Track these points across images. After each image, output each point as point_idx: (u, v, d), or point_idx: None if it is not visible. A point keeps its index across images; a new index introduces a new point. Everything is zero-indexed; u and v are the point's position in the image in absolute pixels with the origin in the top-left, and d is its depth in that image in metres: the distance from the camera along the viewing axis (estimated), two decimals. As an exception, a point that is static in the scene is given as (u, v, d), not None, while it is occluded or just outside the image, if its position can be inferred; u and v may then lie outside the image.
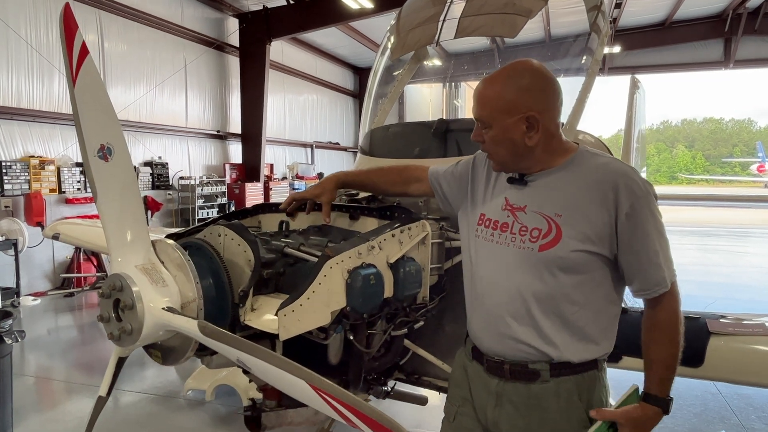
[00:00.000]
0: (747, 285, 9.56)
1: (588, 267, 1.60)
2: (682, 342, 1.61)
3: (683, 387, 4.60)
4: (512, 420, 1.69)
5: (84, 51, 1.72)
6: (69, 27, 1.74)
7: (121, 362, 1.86)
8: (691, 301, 1.77)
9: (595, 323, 1.65)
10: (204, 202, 13.09)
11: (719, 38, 18.09)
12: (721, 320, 2.63)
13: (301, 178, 17.73)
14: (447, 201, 2.00)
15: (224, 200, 13.80)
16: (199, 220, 12.53)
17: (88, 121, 1.69)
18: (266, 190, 15.19)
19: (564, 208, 1.61)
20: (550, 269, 1.60)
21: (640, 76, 7.64)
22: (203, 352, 1.81)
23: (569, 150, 1.69)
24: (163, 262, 1.74)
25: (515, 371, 1.68)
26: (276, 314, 1.67)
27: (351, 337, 1.94)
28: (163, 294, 1.65)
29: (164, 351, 1.80)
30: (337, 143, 21.12)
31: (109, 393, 1.86)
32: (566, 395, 1.64)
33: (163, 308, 1.61)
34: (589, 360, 1.66)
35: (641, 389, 1.65)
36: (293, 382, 1.30)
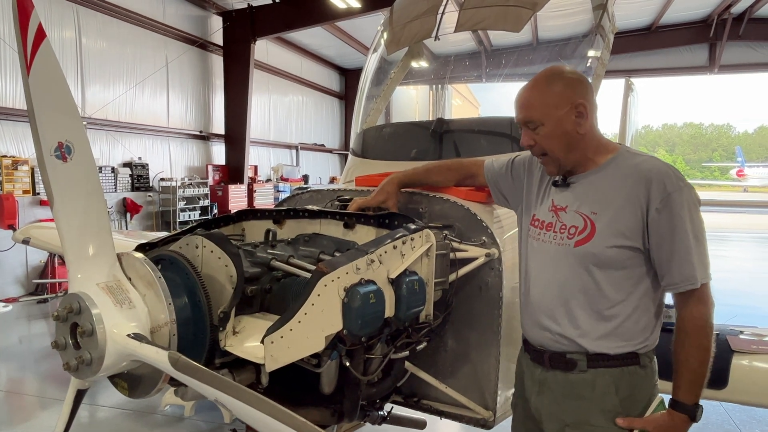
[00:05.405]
0: (737, 291, 9.50)
1: (624, 263, 1.65)
2: (713, 349, 1.61)
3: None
4: (550, 407, 1.77)
5: (40, 34, 1.48)
6: (23, 6, 1.49)
7: (80, 395, 1.62)
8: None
9: (634, 320, 1.68)
10: (186, 204, 12.76)
11: (704, 43, 18.15)
12: (741, 336, 2.46)
13: (286, 180, 17.46)
14: (505, 200, 2.09)
15: (207, 202, 13.48)
16: (181, 223, 12.21)
17: (44, 115, 1.49)
18: (250, 192, 14.94)
19: (599, 206, 1.68)
20: (585, 265, 1.68)
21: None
22: (178, 381, 1.57)
23: (610, 149, 1.75)
24: (130, 279, 1.51)
25: (554, 360, 1.76)
26: (262, 341, 1.44)
27: (347, 364, 1.72)
28: (129, 317, 1.43)
29: (131, 381, 1.57)
30: (323, 145, 20.88)
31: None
32: (602, 387, 1.68)
33: (128, 335, 1.38)
34: (626, 353, 1.68)
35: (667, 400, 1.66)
36: (284, 432, 1.08)
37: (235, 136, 14.60)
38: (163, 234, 2.36)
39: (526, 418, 1.89)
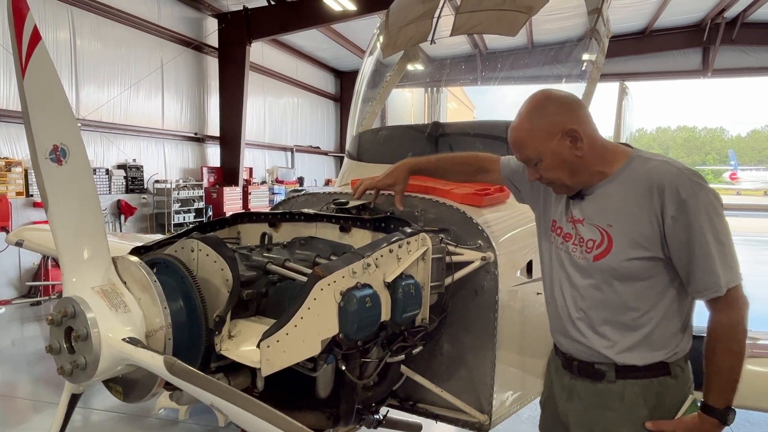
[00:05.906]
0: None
1: (647, 273, 1.62)
2: (744, 353, 1.59)
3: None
4: (578, 415, 1.77)
5: (35, 36, 1.47)
6: (18, 9, 1.48)
7: (74, 400, 1.61)
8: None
9: (663, 327, 1.66)
10: (180, 206, 12.70)
11: (698, 47, 18.27)
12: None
13: (281, 182, 17.43)
14: (522, 198, 2.07)
15: (201, 205, 13.43)
16: (175, 225, 12.16)
17: (39, 118, 1.48)
18: (245, 195, 14.90)
19: (614, 218, 1.65)
20: (606, 279, 1.66)
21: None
22: (173, 385, 1.57)
23: (620, 156, 1.69)
24: (125, 283, 1.51)
25: (582, 369, 1.75)
26: (258, 345, 1.43)
27: (343, 368, 1.72)
28: (125, 321, 1.42)
29: (126, 385, 1.56)
30: (318, 147, 20.86)
31: (60, 436, 1.60)
32: (631, 399, 1.67)
33: (123, 339, 1.37)
34: (656, 363, 1.66)
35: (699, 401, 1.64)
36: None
37: (230, 138, 14.57)
38: (158, 236, 2.35)
39: (555, 420, 1.90)
